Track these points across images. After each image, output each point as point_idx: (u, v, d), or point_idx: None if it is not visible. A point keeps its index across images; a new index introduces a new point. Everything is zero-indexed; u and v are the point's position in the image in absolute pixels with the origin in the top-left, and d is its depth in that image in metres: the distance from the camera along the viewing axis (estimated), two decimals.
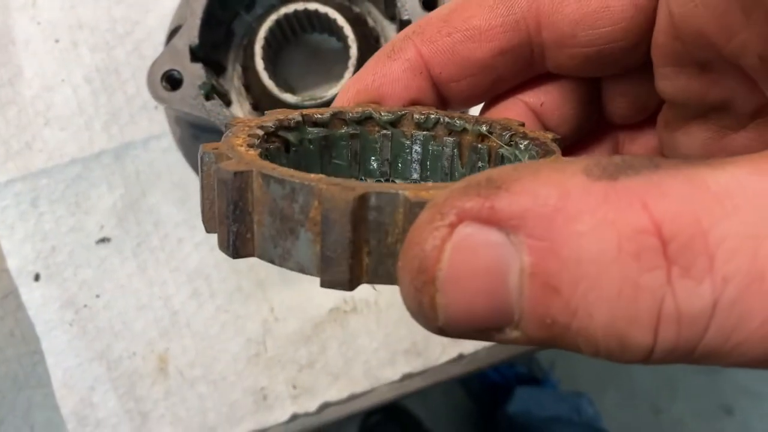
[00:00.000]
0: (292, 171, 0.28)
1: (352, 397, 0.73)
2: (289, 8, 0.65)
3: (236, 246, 0.29)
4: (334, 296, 0.74)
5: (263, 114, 0.66)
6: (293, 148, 0.38)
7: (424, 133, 0.40)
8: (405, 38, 0.40)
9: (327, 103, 0.65)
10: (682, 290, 0.22)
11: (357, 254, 0.27)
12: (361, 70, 0.41)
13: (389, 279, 0.28)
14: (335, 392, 0.73)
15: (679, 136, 0.42)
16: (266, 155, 0.34)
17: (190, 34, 0.62)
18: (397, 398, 0.73)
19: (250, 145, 0.33)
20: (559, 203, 0.23)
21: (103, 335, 0.73)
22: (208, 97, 0.61)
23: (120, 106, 0.74)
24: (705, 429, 2.34)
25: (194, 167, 0.73)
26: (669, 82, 0.38)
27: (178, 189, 0.74)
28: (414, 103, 0.41)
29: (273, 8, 0.68)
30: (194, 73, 0.62)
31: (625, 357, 0.24)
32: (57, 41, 0.75)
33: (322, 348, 0.73)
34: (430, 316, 0.25)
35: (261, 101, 0.68)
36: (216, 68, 0.69)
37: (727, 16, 0.32)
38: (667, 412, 2.36)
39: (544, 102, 0.43)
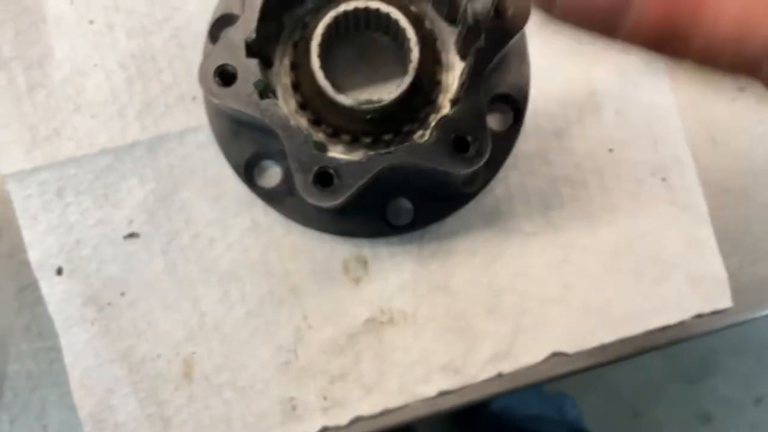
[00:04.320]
0: None
1: (386, 412, 0.70)
2: (348, 5, 0.61)
3: None
4: (371, 306, 0.71)
5: (311, 114, 0.63)
6: None
7: None
8: None
9: (385, 108, 0.62)
10: None
11: None
12: None
13: None
14: (368, 406, 0.70)
15: None
16: None
17: (247, 27, 0.58)
18: (432, 415, 0.71)
19: None
20: None
21: (126, 335, 0.70)
22: (262, 95, 0.58)
23: (155, 96, 0.70)
24: None
25: (232, 164, 0.70)
26: None
27: (212, 186, 0.71)
28: None
29: (328, 3, 0.65)
30: (249, 69, 0.58)
31: (743, 54, 0.21)
32: (91, 22, 0.70)
33: (356, 359, 0.71)
34: None
35: (312, 101, 0.65)
36: (263, 64, 0.65)
37: None
38: (647, 416, 2.38)
39: None
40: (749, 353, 2.37)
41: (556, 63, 0.72)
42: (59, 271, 0.69)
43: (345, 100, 0.61)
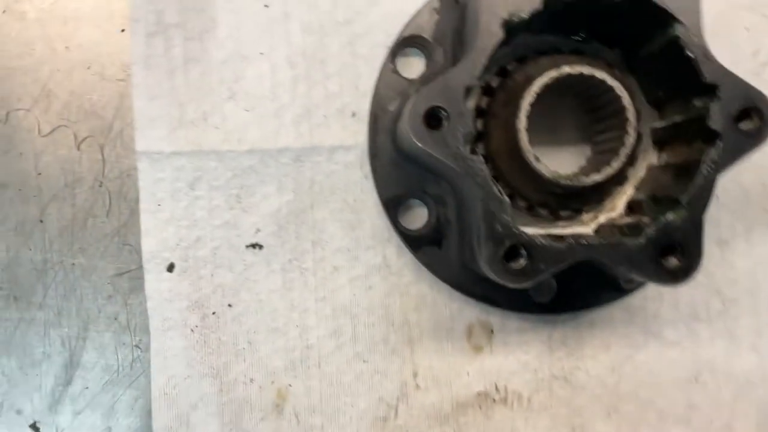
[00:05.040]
0: None
1: None
2: (573, 69, 0.55)
3: None
4: (486, 379, 0.66)
5: (492, 169, 0.57)
6: None
7: None
8: None
9: (586, 188, 0.56)
10: None
11: None
12: None
13: None
14: None
15: None
16: None
17: (472, 73, 0.52)
18: None
19: None
20: None
21: (224, 351, 0.64)
22: (473, 150, 0.52)
23: (317, 103, 0.64)
24: None
25: (381, 195, 0.64)
26: None
27: (350, 211, 0.65)
28: None
29: (536, 56, 0.60)
30: (461, 117, 0.52)
31: None
32: (266, 6, 0.64)
33: None
34: None
35: (497, 156, 0.59)
36: None
37: None
38: None
39: None
40: None
41: (733, 170, 0.67)
42: (170, 268, 0.63)
43: (546, 171, 0.55)
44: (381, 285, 0.65)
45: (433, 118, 0.52)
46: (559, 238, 0.53)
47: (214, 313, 0.63)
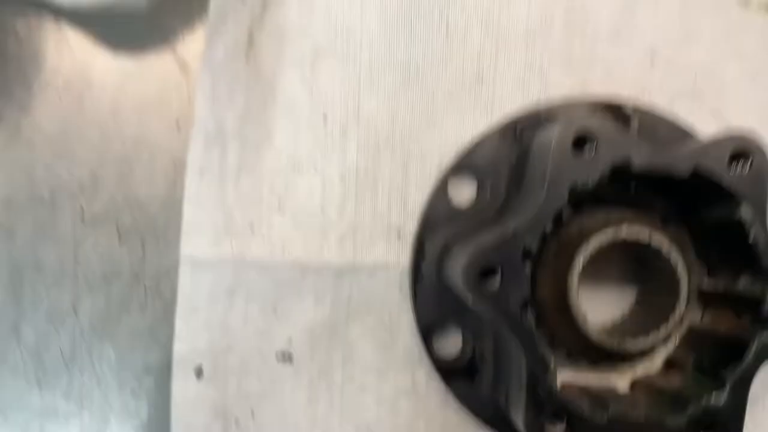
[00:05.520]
0: None
1: None
2: (630, 232, 0.55)
3: None
4: None
5: (534, 316, 0.56)
6: None
7: None
8: None
9: (637, 353, 0.55)
10: None
11: None
12: None
13: None
14: None
15: None
16: None
17: (532, 235, 0.51)
18: None
19: None
20: None
21: None
22: (523, 312, 0.51)
23: (363, 221, 0.63)
24: None
25: (419, 320, 0.63)
26: None
27: (384, 330, 0.64)
28: None
29: (594, 208, 0.59)
30: (517, 280, 0.51)
31: None
32: (325, 121, 0.63)
33: None
34: None
35: (544, 304, 0.58)
36: None
37: None
38: None
39: None
40: None
41: None
42: (199, 373, 0.62)
43: (593, 333, 0.54)
44: (407, 409, 0.64)
45: (486, 273, 0.51)
46: (601, 403, 0.52)
47: (236, 422, 0.63)
